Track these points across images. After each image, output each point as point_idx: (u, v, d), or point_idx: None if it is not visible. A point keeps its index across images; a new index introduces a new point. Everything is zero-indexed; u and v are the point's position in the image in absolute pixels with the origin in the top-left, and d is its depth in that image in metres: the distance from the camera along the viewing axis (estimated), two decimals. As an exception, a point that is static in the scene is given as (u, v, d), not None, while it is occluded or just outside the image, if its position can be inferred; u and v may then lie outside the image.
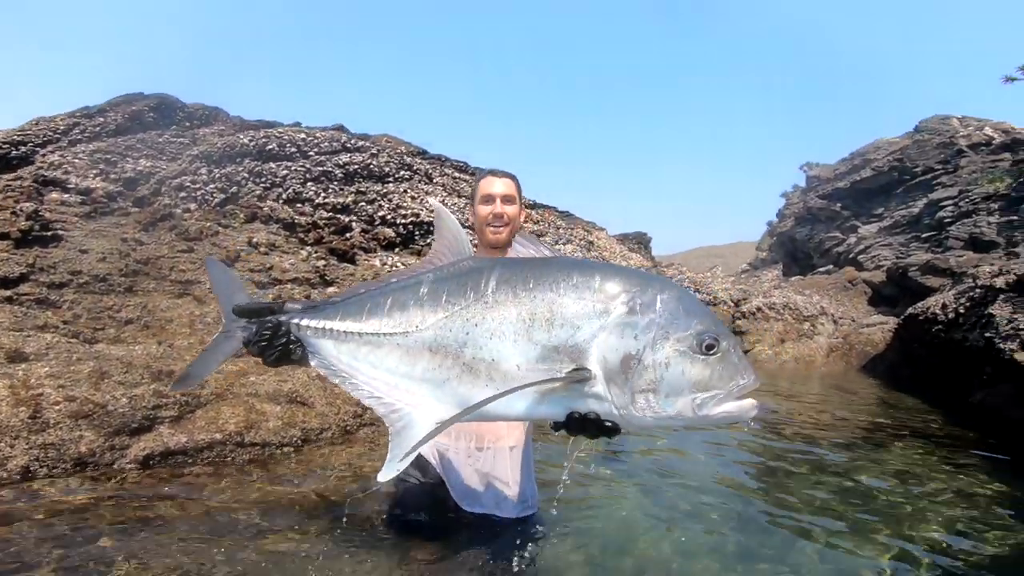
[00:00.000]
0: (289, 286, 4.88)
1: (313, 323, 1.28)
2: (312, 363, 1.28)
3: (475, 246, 1.65)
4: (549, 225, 12.21)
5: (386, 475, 1.12)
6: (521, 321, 1.07)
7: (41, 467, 3.01)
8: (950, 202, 16.12)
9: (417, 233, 7.90)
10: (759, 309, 11.70)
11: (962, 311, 8.45)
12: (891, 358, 10.19)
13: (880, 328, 11.19)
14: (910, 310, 9.80)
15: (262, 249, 5.14)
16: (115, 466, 3.13)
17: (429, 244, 8.27)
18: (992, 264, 10.21)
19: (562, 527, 2.59)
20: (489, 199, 1.96)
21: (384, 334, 1.18)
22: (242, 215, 5.56)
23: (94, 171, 7.67)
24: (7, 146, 8.68)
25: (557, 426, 1.12)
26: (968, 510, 3.66)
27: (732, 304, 12.08)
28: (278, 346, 1.27)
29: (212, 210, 5.98)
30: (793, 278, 18.05)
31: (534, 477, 2.02)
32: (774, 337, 11.15)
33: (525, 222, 12.15)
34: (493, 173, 2.06)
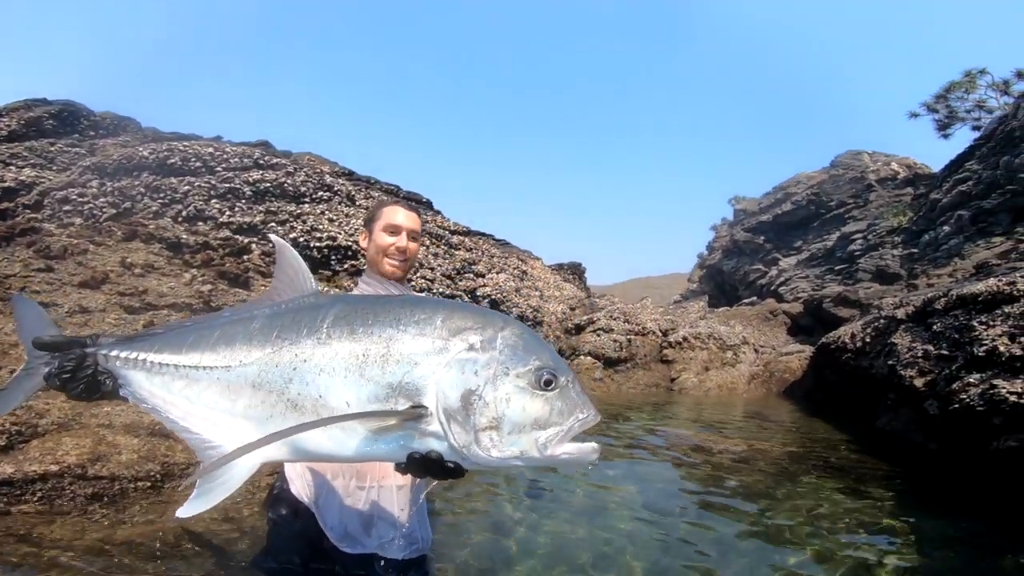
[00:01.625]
0: (165, 311, 4.40)
1: (124, 354, 1.18)
2: (123, 395, 1.19)
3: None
4: (483, 253, 12.07)
5: (189, 511, 1.00)
6: (354, 357, 1.01)
7: None
8: (859, 235, 17.26)
9: (333, 258, 7.52)
10: (685, 339, 11.91)
11: (868, 340, 8.90)
12: (807, 384, 10.60)
13: (797, 356, 11.63)
14: (823, 339, 10.26)
15: (137, 271, 4.64)
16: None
17: (346, 269, 7.92)
18: (895, 296, 10.89)
19: (459, 565, 2.36)
20: (395, 230, 1.91)
21: (203, 367, 1.10)
22: (120, 232, 5.03)
23: (-36, 181, 6.90)
24: None
25: (399, 467, 1.05)
26: (866, 528, 3.75)
27: (660, 334, 12.24)
28: (82, 378, 1.18)
29: (90, 227, 5.42)
30: (720, 309, 18.69)
31: (427, 517, 1.87)
32: (699, 365, 11.34)
33: (457, 248, 12.02)
34: (398, 203, 2.02)
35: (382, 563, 1.68)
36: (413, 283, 8.09)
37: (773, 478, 5.07)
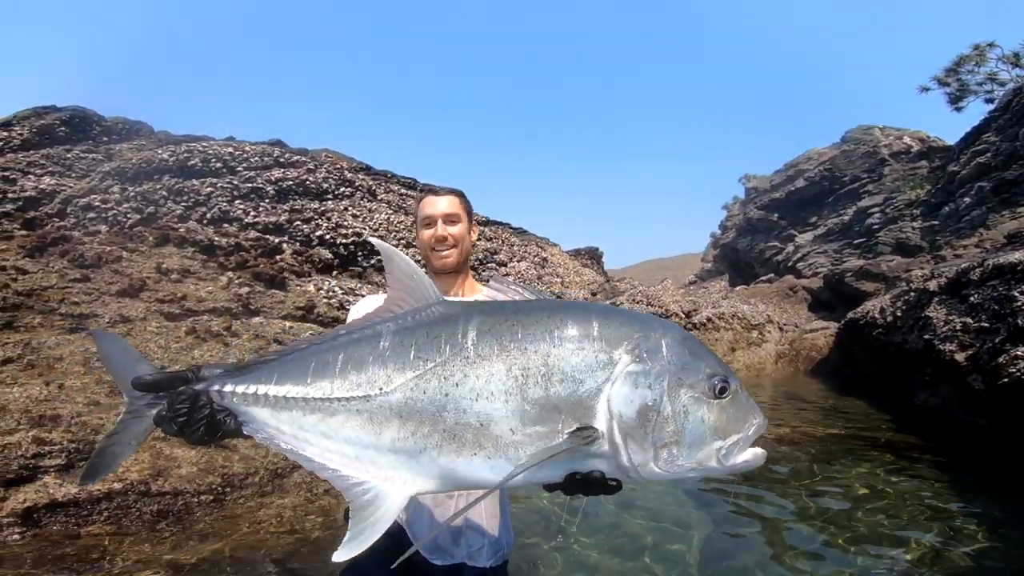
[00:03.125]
0: (205, 317, 4.34)
1: (240, 388, 1.02)
2: (247, 433, 1.04)
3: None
4: (503, 242, 11.97)
5: (345, 555, 0.92)
6: (512, 378, 0.92)
7: None
8: (877, 209, 17.01)
9: (360, 254, 7.43)
10: (709, 319, 11.81)
11: (899, 314, 8.75)
12: (834, 361, 10.50)
13: (823, 333, 11.52)
14: (850, 315, 10.12)
15: (173, 276, 4.57)
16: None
17: (372, 265, 7.83)
18: (922, 268, 10.70)
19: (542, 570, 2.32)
20: (430, 221, 1.75)
21: (337, 399, 0.97)
22: (151, 238, 4.96)
23: (-14, 192, 6.85)
24: None
25: (551, 487, 0.99)
26: (924, 517, 3.65)
27: (683, 315, 12.15)
28: (200, 420, 1.02)
29: (118, 234, 5.35)
30: (738, 287, 18.54)
31: (509, 522, 1.79)
32: (725, 346, 11.26)
33: (478, 240, 11.93)
34: (434, 191, 1.83)
35: (470, 572, 1.63)
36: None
37: (820, 458, 5.03)
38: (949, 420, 6.50)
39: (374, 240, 1.23)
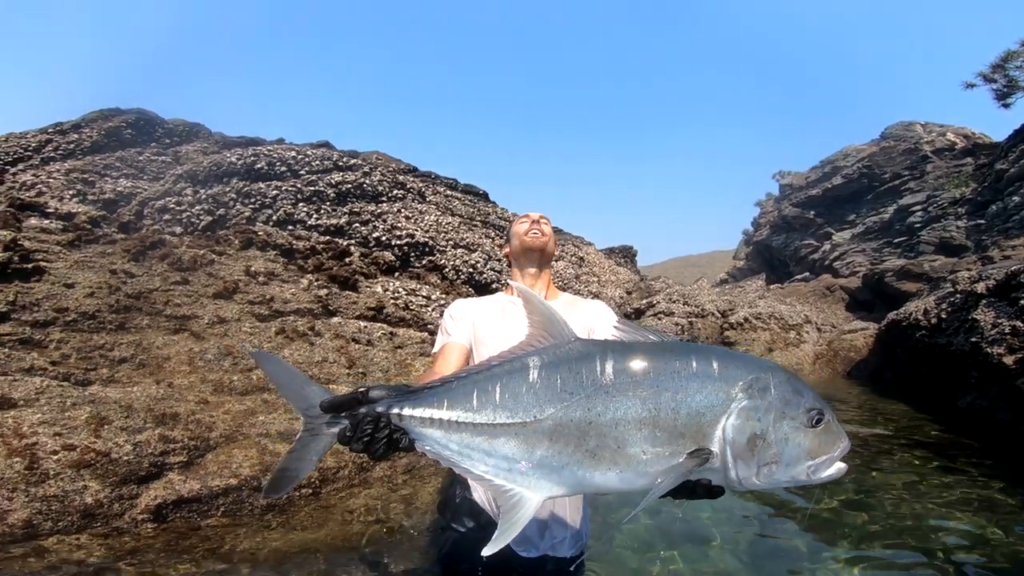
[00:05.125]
0: (292, 318, 4.67)
1: (416, 412, 1.23)
2: (418, 448, 1.24)
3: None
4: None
5: (493, 549, 1.12)
6: (647, 411, 1.12)
7: (45, 520, 2.80)
8: (919, 207, 16.68)
9: (412, 255, 7.74)
10: (746, 319, 11.84)
11: (944, 316, 8.68)
12: (874, 363, 10.41)
13: (862, 334, 11.44)
14: (892, 315, 10.04)
15: (260, 279, 4.92)
16: (126, 517, 2.92)
17: (424, 266, 8.16)
18: (969, 269, 10.54)
19: (611, 559, 2.54)
20: (526, 220, 2.05)
21: (500, 424, 1.18)
22: (237, 241, 5.33)
23: (71, 192, 7.34)
24: None
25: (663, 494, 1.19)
26: (971, 515, 3.74)
27: (719, 315, 12.20)
28: (382, 439, 1.21)
29: (203, 236, 5.73)
30: (772, 286, 18.41)
31: (589, 516, 1.96)
32: (763, 346, 11.29)
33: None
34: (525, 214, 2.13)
35: (552, 562, 1.77)
36: (496, 278, 8.27)
37: (865, 460, 5.13)
38: (995, 423, 6.51)
39: (514, 283, 1.40)
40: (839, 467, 1.17)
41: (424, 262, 7.65)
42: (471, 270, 7.95)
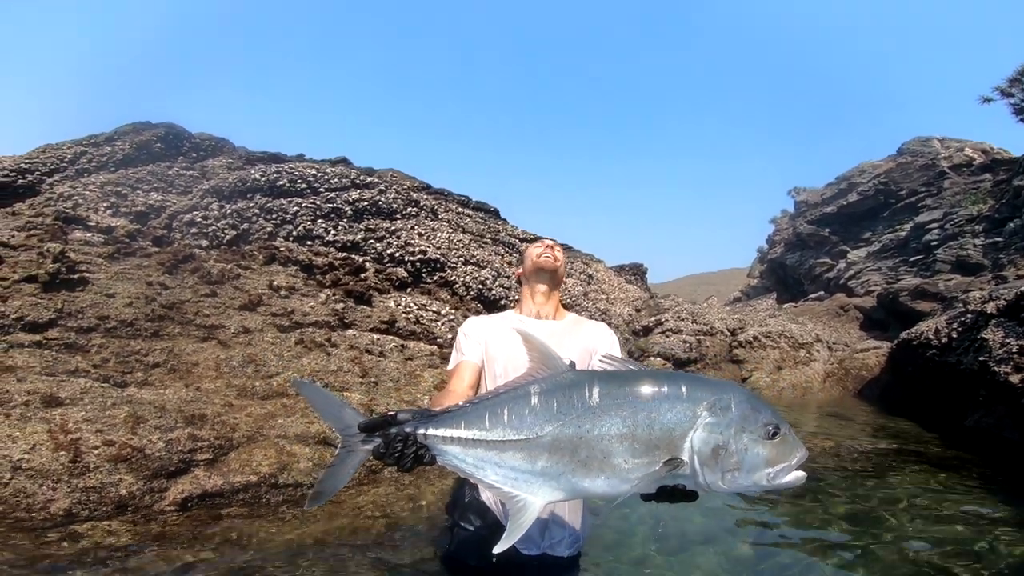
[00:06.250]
0: (310, 329, 4.98)
1: (439, 432, 1.45)
2: (439, 462, 1.48)
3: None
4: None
5: (502, 547, 1.35)
6: (627, 427, 1.33)
7: (83, 509, 3.10)
8: (936, 225, 16.57)
9: (424, 271, 8.03)
10: (755, 338, 11.89)
11: (955, 336, 8.69)
12: (885, 381, 10.37)
13: (874, 352, 11.40)
14: (903, 335, 10.03)
15: (282, 292, 5.25)
16: (154, 508, 3.21)
17: (435, 282, 8.46)
18: (982, 289, 10.52)
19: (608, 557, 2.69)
20: (541, 244, 2.22)
21: (508, 441, 1.41)
22: (261, 256, 5.68)
23: (105, 204, 7.80)
24: (13, 174, 8.80)
25: (646, 498, 1.39)
26: (975, 531, 3.80)
27: (729, 333, 12.26)
28: (410, 455, 1.44)
29: (230, 251, 6.10)
30: (785, 305, 18.34)
31: (587, 518, 2.09)
32: (771, 365, 11.31)
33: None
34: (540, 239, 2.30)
35: (551, 560, 1.92)
36: (505, 294, 8.52)
37: (864, 470, 5.18)
38: (1001, 441, 6.53)
39: (517, 329, 1.62)
40: (798, 475, 1.34)
41: (435, 278, 7.94)
42: (480, 286, 8.22)
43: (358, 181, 8.39)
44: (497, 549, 1.31)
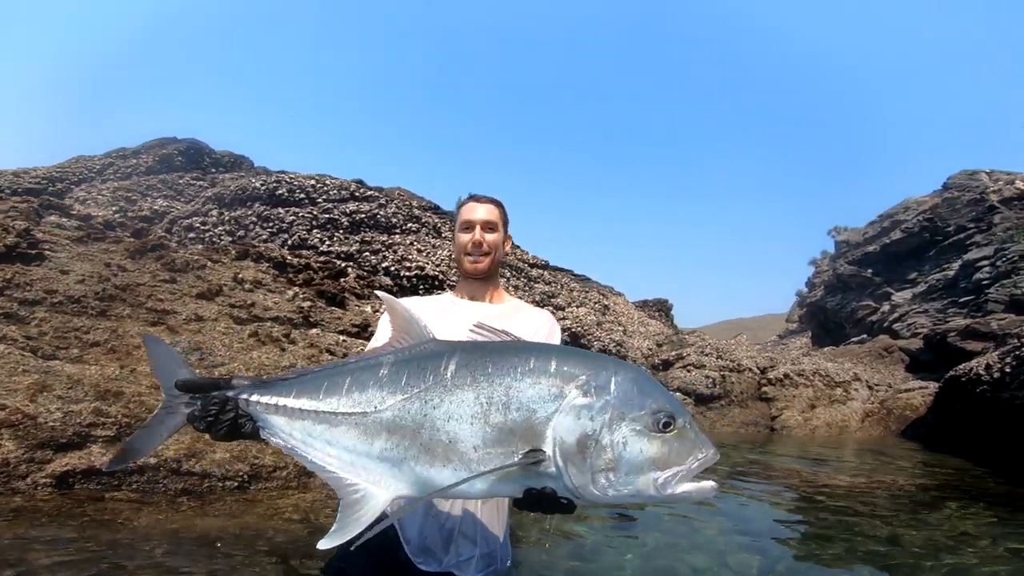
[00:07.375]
0: (268, 324, 4.71)
1: (264, 399, 1.24)
2: (263, 436, 1.25)
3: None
4: (562, 287, 11.99)
5: (329, 544, 1.07)
6: (479, 405, 1.08)
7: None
8: (986, 262, 15.38)
9: (422, 288, 7.78)
10: (786, 376, 11.01)
11: (1008, 370, 7.90)
12: (931, 420, 9.49)
13: (920, 392, 10.40)
14: (952, 372, 9.19)
15: (247, 286, 5.03)
16: (29, 479, 2.88)
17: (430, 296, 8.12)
18: (1037, 323, 9.52)
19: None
20: (469, 226, 1.80)
21: (341, 413, 1.18)
22: (234, 251, 5.53)
23: (114, 207, 7.99)
24: (44, 182, 9.22)
25: (517, 504, 1.12)
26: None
27: (758, 371, 11.38)
28: (225, 421, 1.22)
29: (207, 248, 6.00)
30: (826, 348, 17.18)
31: (508, 536, 1.75)
32: (804, 403, 10.40)
33: (536, 281, 12.04)
34: (474, 198, 1.86)
35: None
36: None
37: (908, 507, 4.65)
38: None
39: (379, 293, 1.39)
40: (701, 485, 1.01)
41: (434, 294, 7.65)
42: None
43: (357, 194, 8.33)
44: (322, 544, 1.06)
